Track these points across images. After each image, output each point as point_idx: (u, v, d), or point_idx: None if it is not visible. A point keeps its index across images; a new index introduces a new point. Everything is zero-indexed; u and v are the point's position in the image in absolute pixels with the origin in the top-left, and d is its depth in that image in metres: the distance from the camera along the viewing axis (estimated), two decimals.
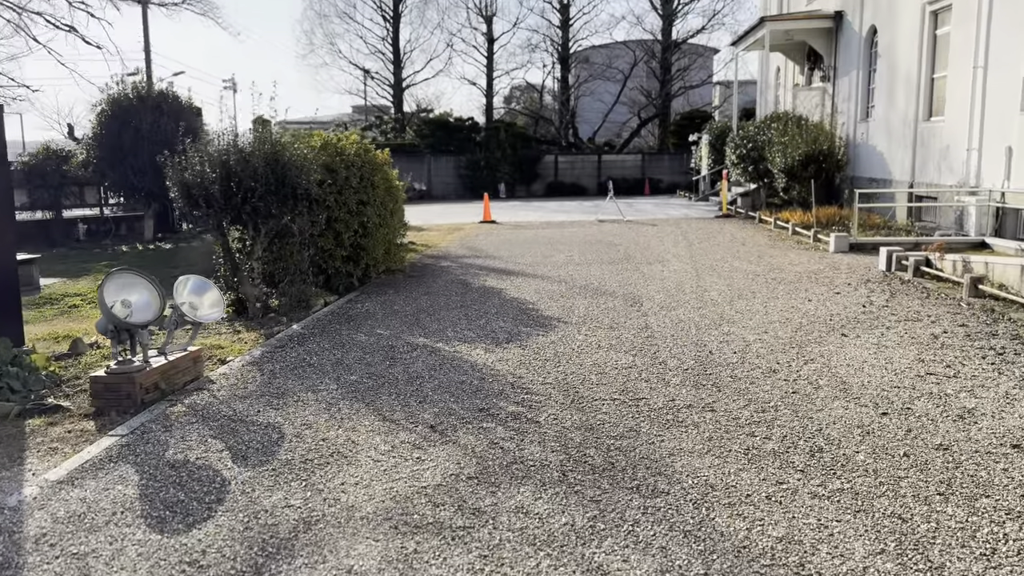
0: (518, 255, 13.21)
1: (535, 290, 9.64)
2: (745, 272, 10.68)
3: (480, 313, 8.31)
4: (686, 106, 42.28)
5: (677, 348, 6.56)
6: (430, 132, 36.33)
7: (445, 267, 12.07)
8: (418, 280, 10.78)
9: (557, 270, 11.32)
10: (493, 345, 6.84)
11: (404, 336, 7.31)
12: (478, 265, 12.19)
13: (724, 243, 14.27)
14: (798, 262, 11.60)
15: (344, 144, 10.75)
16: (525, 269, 11.53)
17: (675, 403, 5.12)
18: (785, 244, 13.97)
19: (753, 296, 8.88)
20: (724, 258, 12.22)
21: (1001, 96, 13.21)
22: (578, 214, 22.43)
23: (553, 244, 14.68)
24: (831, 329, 7.15)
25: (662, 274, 10.68)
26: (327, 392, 5.58)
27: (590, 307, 8.47)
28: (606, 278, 10.44)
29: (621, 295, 9.15)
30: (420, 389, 5.58)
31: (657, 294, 9.15)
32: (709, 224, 18.22)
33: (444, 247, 14.86)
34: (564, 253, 13.28)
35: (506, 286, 10.01)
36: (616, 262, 11.99)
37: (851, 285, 9.46)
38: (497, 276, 10.92)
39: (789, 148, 16.86)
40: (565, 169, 35.95)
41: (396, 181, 11.72)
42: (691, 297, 8.89)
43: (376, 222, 10.71)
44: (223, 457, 4.42)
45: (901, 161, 17.21)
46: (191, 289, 6.05)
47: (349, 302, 9.26)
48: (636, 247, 13.84)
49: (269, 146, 8.78)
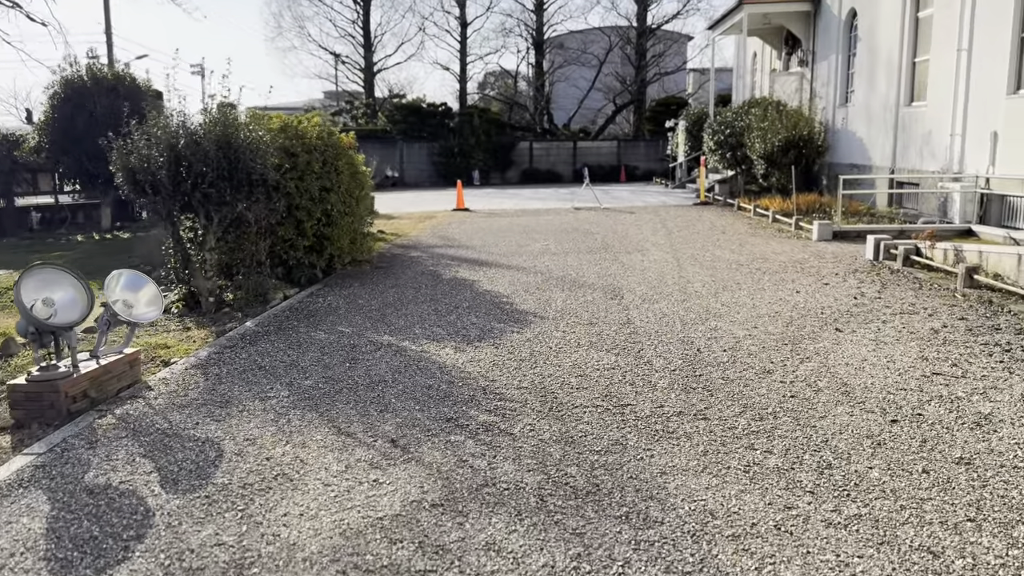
0: (492, 244, 12.66)
1: (510, 282, 9.11)
2: (728, 262, 10.23)
3: (451, 307, 7.76)
4: (661, 93, 41.87)
5: (662, 346, 6.07)
6: (402, 118, 35.53)
7: (415, 257, 11.49)
8: (386, 272, 10.20)
9: (533, 260, 10.79)
10: (464, 344, 6.30)
11: (367, 334, 6.74)
12: (450, 255, 11.62)
13: (704, 231, 13.83)
14: (781, 251, 11.18)
15: (305, 127, 10.11)
16: (499, 259, 10.99)
17: (664, 410, 4.62)
18: (766, 232, 13.56)
19: (738, 287, 8.42)
20: (705, 247, 11.77)
21: (986, 80, 12.88)
22: (554, 201, 21.91)
23: (528, 233, 14.15)
24: (824, 323, 6.70)
25: (642, 264, 10.20)
26: (277, 400, 5.01)
27: (568, 300, 7.96)
28: (584, 269, 9.93)
29: (600, 287, 8.65)
30: (382, 395, 5.03)
31: (638, 286, 8.66)
32: (687, 212, 17.79)
33: (415, 236, 14.26)
34: (540, 242, 12.76)
35: (479, 278, 9.47)
36: (594, 251, 11.49)
37: (839, 275, 9.05)
38: (470, 267, 10.37)
39: (769, 134, 16.46)
40: (540, 156, 35.39)
41: (362, 167, 11.11)
42: (674, 289, 8.42)
43: (340, 210, 10.10)
44: (150, 481, 3.85)
45: (882, 147, 16.90)
46: (125, 285, 5.43)
47: (310, 296, 8.66)
48: (614, 235, 13.36)
49: (221, 128, 8.13)
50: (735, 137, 19.83)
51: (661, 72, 41.22)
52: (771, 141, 16.30)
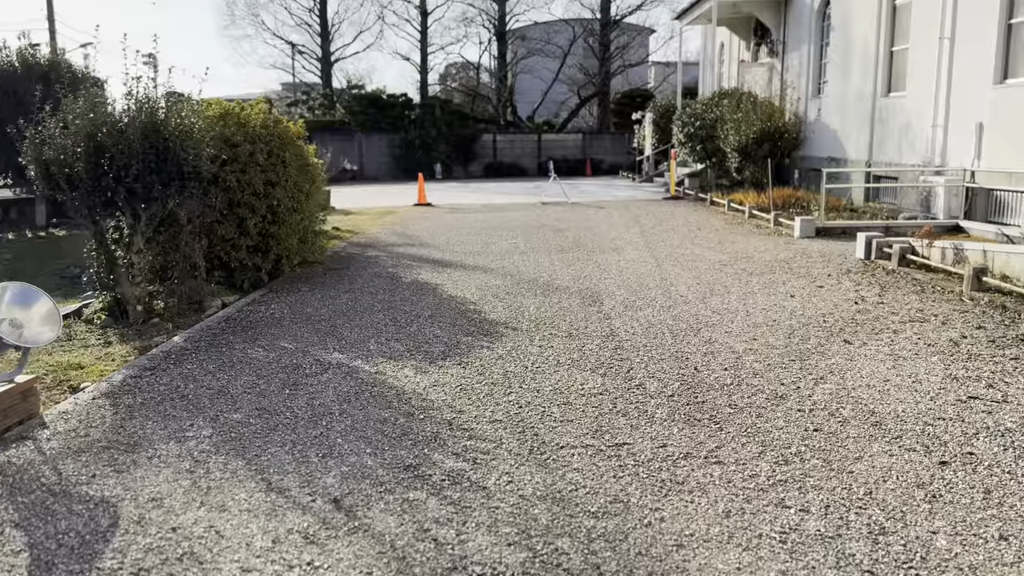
0: (456, 242, 11.80)
1: (477, 286, 8.27)
2: (710, 262, 9.53)
3: (411, 317, 6.89)
4: (625, 85, 41.30)
5: (654, 364, 5.29)
6: (361, 109, 34.38)
7: (373, 258, 10.58)
8: (340, 274, 9.28)
9: (501, 260, 9.97)
10: (426, 362, 5.45)
11: (314, 350, 5.85)
12: (411, 255, 10.74)
13: (679, 227, 13.14)
14: (764, 249, 10.52)
15: (248, 114, 9.15)
16: (464, 259, 10.14)
17: (667, 450, 3.84)
18: (744, 228, 12.92)
19: (727, 291, 7.70)
20: (683, 245, 11.07)
21: (970, 69, 12.38)
22: (520, 196, 21.10)
23: (495, 229, 13.32)
24: (830, 334, 6.00)
25: (619, 264, 9.44)
26: (197, 441, 4.11)
27: (542, 307, 7.15)
28: (557, 270, 9.14)
29: (577, 291, 7.86)
30: (326, 433, 4.17)
31: (618, 290, 7.89)
32: (659, 207, 17.11)
33: (373, 233, 13.33)
34: (507, 240, 11.93)
35: (443, 281, 8.61)
36: (566, 250, 10.71)
37: (832, 277, 8.39)
38: (432, 268, 9.50)
39: (743, 125, 15.85)
40: (504, 149, 34.54)
41: (313, 158, 10.16)
42: (657, 293, 7.67)
43: (288, 206, 9.16)
44: (16, 566, 2.95)
45: (857, 139, 16.40)
46: (13, 300, 4.48)
47: (253, 303, 7.72)
48: (586, 233, 12.59)
49: (146, 115, 7.15)
50: (705, 129, 19.24)
51: (625, 64, 40.65)
52: (745, 133, 15.69)
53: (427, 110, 33.80)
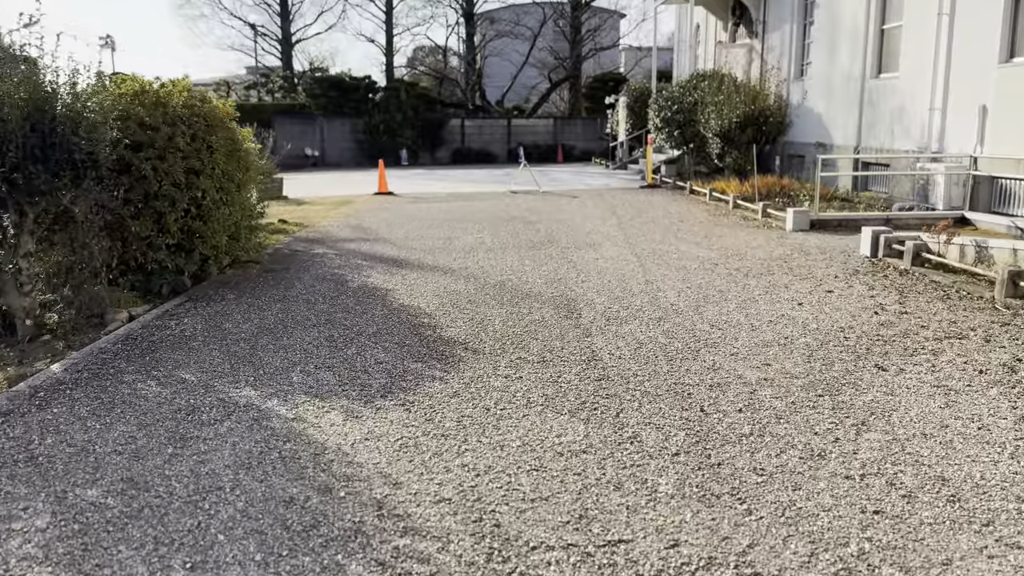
0: (416, 238, 10.62)
1: (435, 291, 7.12)
2: (699, 260, 8.47)
3: (352, 334, 5.73)
4: (597, 69, 40.14)
5: (649, 403, 4.20)
6: (322, 92, 32.80)
7: (319, 256, 9.36)
8: (277, 277, 8.07)
9: (464, 259, 8.81)
10: (361, 402, 4.30)
11: (221, 384, 4.67)
12: (363, 252, 9.54)
13: (659, 219, 12.08)
14: (756, 244, 9.49)
15: (169, 92, 7.87)
16: (423, 258, 8.97)
17: (682, 554, 2.75)
18: (729, 220, 11.90)
19: (723, 298, 6.65)
20: (666, 239, 10.00)
21: (972, 47, 11.44)
22: (488, 184, 19.92)
23: (459, 222, 12.15)
24: (856, 356, 4.96)
25: (597, 264, 8.35)
26: (24, 538, 2.93)
27: (510, 320, 6.03)
28: (528, 271, 8.02)
29: (550, 298, 6.75)
30: (205, 525, 3.01)
31: (597, 296, 6.79)
32: (635, 196, 16.05)
33: (325, 226, 12.08)
34: (473, 235, 10.78)
35: (396, 285, 7.44)
36: (537, 246, 9.58)
37: (839, 279, 7.38)
38: (385, 269, 8.32)
39: (725, 108, 14.83)
40: (472, 134, 33.25)
41: (249, 143, 8.90)
42: (643, 301, 6.58)
43: (216, 198, 7.92)
44: None
45: (844, 124, 15.46)
46: None
47: (164, 316, 6.48)
48: (559, 225, 11.48)
49: (27, 92, 5.87)
50: (683, 114, 18.20)
51: (597, 47, 39.48)
52: (728, 117, 14.66)
53: (392, 93, 32.35)
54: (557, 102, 41.49)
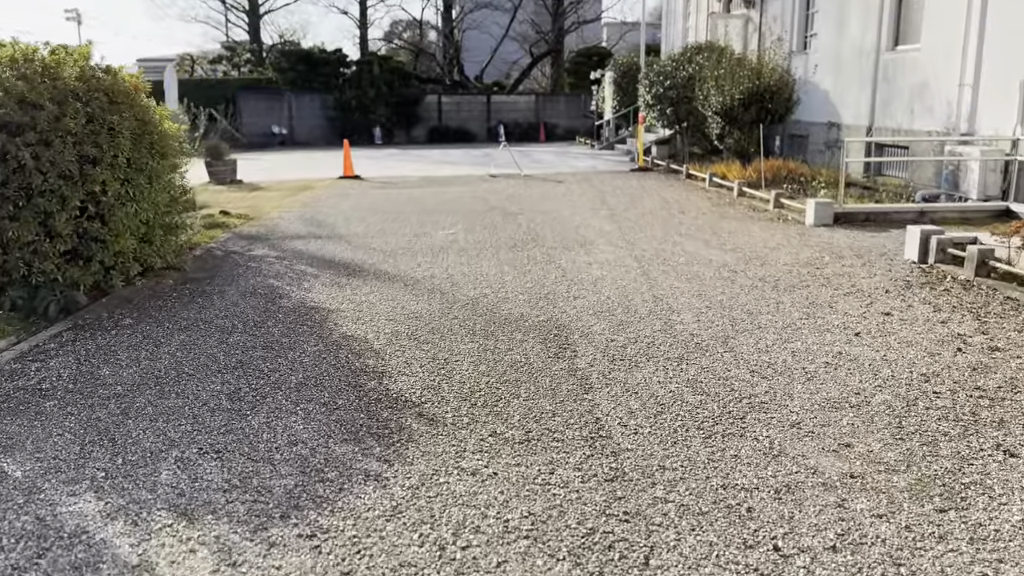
0: (377, 234, 9.09)
1: (389, 314, 5.63)
2: (713, 265, 7.04)
3: (267, 386, 4.23)
4: (580, 43, 38.43)
5: (692, 531, 2.75)
6: (290, 66, 30.88)
7: (257, 260, 7.82)
8: (196, 290, 6.52)
9: (431, 264, 7.31)
10: (248, 531, 2.81)
11: (52, 484, 3.16)
12: (311, 255, 8.01)
13: (656, 210, 10.62)
14: (775, 243, 8.08)
15: (60, 60, 6.28)
16: (382, 263, 7.46)
17: None
18: (737, 212, 10.46)
19: (755, 323, 5.22)
20: (668, 236, 8.56)
21: (1012, 14, 10.04)
22: (465, 166, 18.34)
23: (430, 214, 10.62)
24: (963, 427, 3.54)
25: (591, 271, 6.89)
26: None
27: (483, 362, 4.56)
28: (507, 282, 6.54)
29: (536, 325, 5.29)
30: None
31: (595, 321, 5.34)
32: (626, 181, 14.57)
33: (274, 219, 10.50)
34: (444, 230, 9.27)
35: (341, 304, 5.94)
36: (519, 246, 8.10)
37: (891, 293, 5.98)
38: (333, 279, 6.80)
39: (727, 84, 13.34)
40: (450, 112, 31.52)
41: (166, 123, 7.29)
42: (654, 329, 5.14)
43: (120, 193, 6.37)
44: None
45: (855, 102, 14.06)
46: None
47: (29, 354, 4.93)
48: (544, 218, 9.98)
49: None
50: (677, 90, 16.69)
51: (580, 20, 37.77)
52: (730, 93, 13.19)
53: (364, 68, 30.49)
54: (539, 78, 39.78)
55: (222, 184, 14.96)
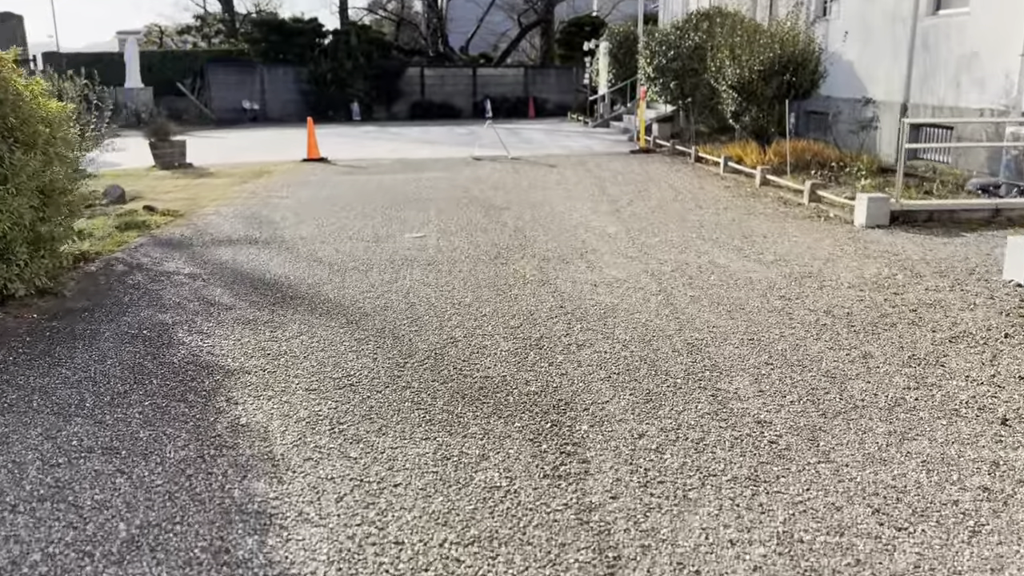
0: (329, 239, 7.34)
1: (311, 382, 3.91)
2: (758, 290, 5.35)
3: (70, 550, 2.53)
4: (571, 12, 36.35)
5: None
6: (262, 36, 28.78)
7: (163, 278, 6.06)
8: (59, 331, 4.77)
9: (388, 287, 5.59)
10: None
11: None
12: (235, 271, 6.26)
13: (668, 204, 8.91)
14: (825, 253, 6.40)
15: None
16: (325, 284, 5.72)
17: None
18: (764, 206, 8.77)
19: (847, 399, 3.55)
20: (689, 241, 6.86)
21: None
22: (447, 146, 16.53)
23: (400, 207, 8.87)
24: None
25: (597, 297, 5.19)
26: None
27: (438, 492, 2.86)
28: (486, 317, 4.82)
29: (522, 399, 3.59)
30: None
31: (610, 393, 3.65)
32: (627, 164, 12.84)
33: (209, 216, 8.72)
34: (413, 232, 7.54)
35: (248, 360, 4.22)
36: (503, 257, 6.37)
37: (1013, 339, 4.32)
38: (250, 314, 5.07)
39: (745, 54, 11.58)
40: (434, 85, 29.53)
41: (42, 102, 5.49)
42: (701, 412, 3.46)
43: None
44: None
45: (887, 75, 12.32)
46: None
47: None
48: (535, 214, 8.26)
49: None
50: (681, 60, 14.92)
51: None
52: (748, 64, 11.43)
53: (341, 38, 28.41)
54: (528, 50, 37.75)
55: (168, 169, 13.13)
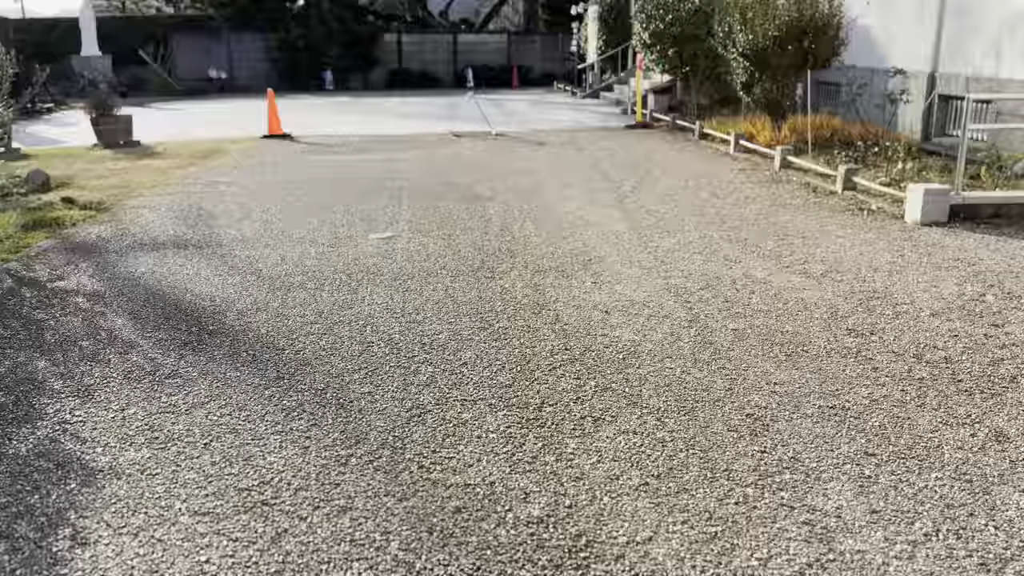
0: (276, 238, 6.05)
1: (216, 478, 2.67)
2: (817, 319, 4.14)
3: None
4: None
5: None
6: (230, 0, 26.99)
7: (52, 300, 4.74)
8: None
9: (340, 315, 4.32)
10: None
11: None
12: (153, 289, 4.96)
13: (679, 192, 7.67)
14: (884, 263, 5.20)
15: None
16: (259, 310, 4.44)
17: None
18: (790, 194, 7.55)
19: (1005, 537, 2.36)
20: (714, 245, 5.64)
21: None
22: (424, 120, 15.13)
23: (366, 197, 7.56)
24: None
25: (609, 330, 3.96)
26: None
27: None
28: (468, 360, 3.57)
29: (519, 522, 2.38)
30: None
31: (643, 510, 2.44)
32: (624, 141, 11.55)
33: (138, 208, 7.35)
34: (380, 230, 6.25)
35: (133, 458, 2.97)
36: (489, 266, 5.11)
37: None
38: (153, 359, 3.79)
39: (758, 18, 10.27)
40: (412, 53, 27.94)
41: None
42: (794, 557, 2.26)
43: None
44: None
45: (911, 41, 11.07)
46: None
47: None
48: (524, 207, 6.99)
49: None
50: (680, 26, 13.58)
51: None
52: (762, 29, 10.13)
53: (312, 2, 26.70)
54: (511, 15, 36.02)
55: (111, 147, 11.68)
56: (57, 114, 17.59)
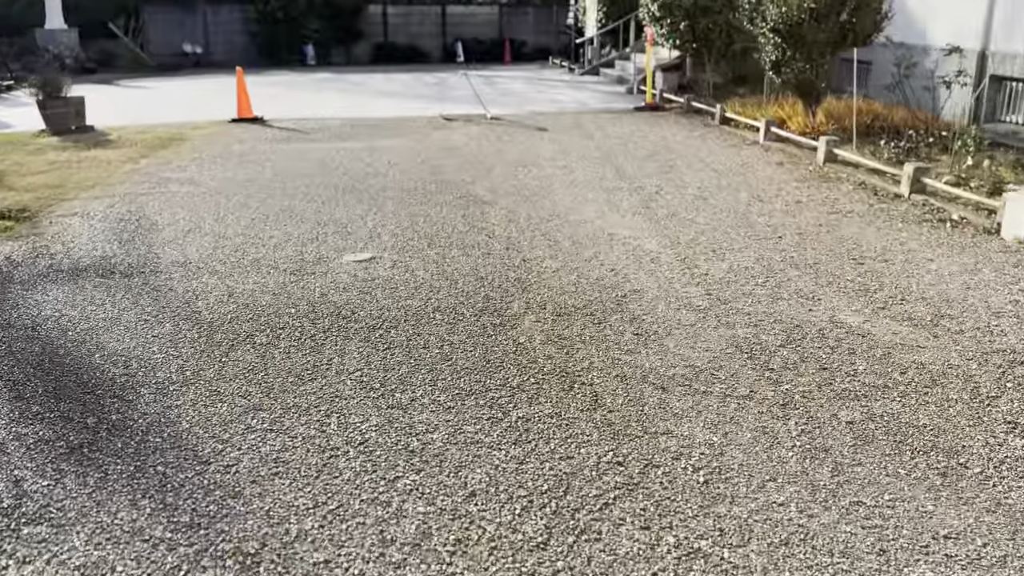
0: (229, 261, 4.81)
1: None
2: (955, 399, 2.98)
3: None
4: None
5: None
6: None
7: None
8: None
9: (305, 381, 3.13)
10: None
11: None
12: (51, 345, 3.73)
13: (714, 193, 6.46)
14: (1009, 307, 4.04)
15: None
16: (188, 384, 3.23)
17: None
18: (848, 198, 6.36)
19: None
20: (781, 274, 4.46)
21: None
22: (411, 100, 13.79)
23: (342, 201, 6.30)
24: None
25: (674, 424, 2.79)
26: None
27: None
28: (476, 488, 2.39)
29: None
30: None
31: None
32: (635, 127, 10.29)
33: (72, 212, 6.06)
34: (355, 253, 5.01)
35: None
36: (495, 307, 3.91)
37: None
38: (24, 481, 2.59)
39: None
40: (398, 25, 26.38)
41: None
42: None
43: None
44: None
45: (956, 16, 9.85)
46: None
47: None
48: (532, 214, 5.76)
49: None
50: None
51: None
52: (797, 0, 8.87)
53: None
54: None
55: (60, 134, 10.32)
56: (17, 92, 16.12)
